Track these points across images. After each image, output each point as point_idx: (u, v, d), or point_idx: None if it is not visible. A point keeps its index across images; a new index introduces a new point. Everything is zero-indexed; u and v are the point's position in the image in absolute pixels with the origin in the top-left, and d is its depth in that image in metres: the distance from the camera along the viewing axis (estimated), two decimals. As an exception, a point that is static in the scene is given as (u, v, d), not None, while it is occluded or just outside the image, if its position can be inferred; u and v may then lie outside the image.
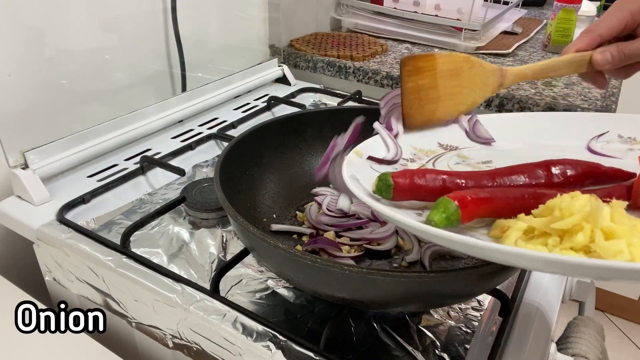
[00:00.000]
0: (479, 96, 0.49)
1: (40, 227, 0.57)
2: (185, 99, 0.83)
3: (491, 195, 0.36)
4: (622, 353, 1.68)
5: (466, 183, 0.39)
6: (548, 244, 0.31)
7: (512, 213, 0.36)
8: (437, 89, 0.47)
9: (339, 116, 0.62)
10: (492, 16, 1.16)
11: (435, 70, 0.46)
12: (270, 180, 0.59)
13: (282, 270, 0.43)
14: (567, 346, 0.52)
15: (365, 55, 1.06)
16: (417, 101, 0.47)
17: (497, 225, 0.36)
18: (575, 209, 0.31)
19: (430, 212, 0.35)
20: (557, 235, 0.31)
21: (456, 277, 0.36)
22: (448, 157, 0.47)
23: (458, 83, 0.47)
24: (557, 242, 0.31)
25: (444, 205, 0.35)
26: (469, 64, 0.47)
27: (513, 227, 0.34)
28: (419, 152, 0.48)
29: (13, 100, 0.61)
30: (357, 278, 0.36)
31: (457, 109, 0.49)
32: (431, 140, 0.49)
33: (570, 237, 0.31)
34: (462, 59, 0.47)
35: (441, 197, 0.35)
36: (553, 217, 0.32)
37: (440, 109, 0.48)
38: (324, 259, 0.36)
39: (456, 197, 0.35)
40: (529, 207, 0.35)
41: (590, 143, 0.47)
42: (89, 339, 0.49)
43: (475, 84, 0.48)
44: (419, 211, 0.40)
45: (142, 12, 0.76)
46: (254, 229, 0.39)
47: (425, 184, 0.39)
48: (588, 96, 0.90)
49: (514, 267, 0.42)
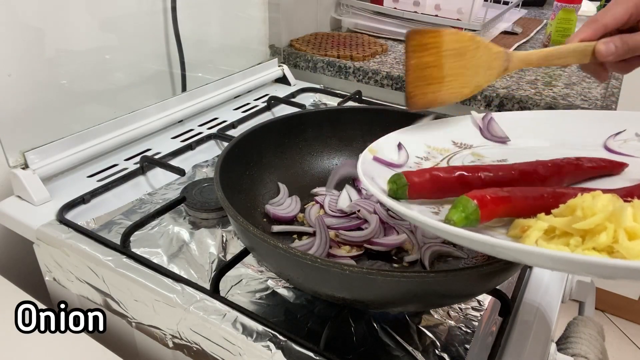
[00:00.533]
0: (483, 80, 0.47)
1: (40, 227, 0.57)
2: (185, 99, 0.83)
3: (510, 195, 0.36)
4: (622, 353, 1.68)
5: (486, 176, 0.39)
6: (570, 244, 0.31)
7: (531, 212, 0.35)
8: (441, 68, 0.46)
9: (339, 116, 0.62)
10: (492, 16, 1.16)
11: (440, 49, 0.45)
12: (270, 180, 0.59)
13: (282, 270, 0.43)
14: (567, 346, 0.52)
15: (365, 55, 1.06)
16: (421, 79, 0.46)
17: (516, 224, 0.35)
18: (597, 209, 0.31)
19: (449, 211, 0.35)
20: (579, 235, 0.31)
21: (456, 277, 0.36)
22: (462, 156, 0.47)
23: (462, 64, 0.46)
24: (579, 242, 0.31)
25: (463, 205, 0.34)
26: (474, 44, 0.46)
27: (534, 227, 0.33)
28: (433, 150, 0.47)
29: (13, 100, 0.61)
30: (357, 278, 0.36)
31: (461, 91, 0.47)
32: (445, 138, 0.48)
33: (593, 237, 0.30)
34: (468, 38, 0.46)
35: (460, 196, 0.35)
36: (575, 217, 0.31)
37: (444, 90, 0.47)
38: (324, 259, 0.36)
39: (475, 196, 0.34)
40: (548, 207, 0.35)
41: (607, 141, 0.47)
42: (89, 339, 0.49)
43: (480, 66, 0.47)
44: (434, 209, 0.39)
45: (142, 12, 0.76)
46: (254, 229, 0.39)
47: (441, 183, 0.39)
48: (588, 96, 0.90)
49: (514, 268, 0.42)
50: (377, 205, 0.56)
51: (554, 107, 0.85)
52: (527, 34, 1.26)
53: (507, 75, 0.99)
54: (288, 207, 0.56)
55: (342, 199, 0.57)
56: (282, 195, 0.57)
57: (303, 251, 0.37)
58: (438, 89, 0.46)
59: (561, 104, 0.85)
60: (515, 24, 1.31)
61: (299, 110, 0.80)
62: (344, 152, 0.63)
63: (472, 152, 0.48)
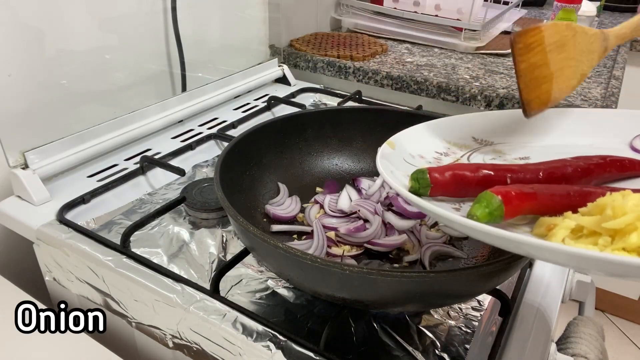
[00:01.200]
0: (586, 66, 0.45)
1: (40, 227, 0.57)
2: (185, 99, 0.83)
3: (536, 192, 0.35)
4: (622, 353, 1.68)
5: (511, 177, 0.38)
6: (598, 244, 0.30)
7: (557, 211, 0.34)
8: (548, 65, 0.44)
9: (339, 116, 0.62)
10: (492, 16, 1.16)
11: (543, 45, 0.43)
12: (270, 181, 0.59)
13: (282, 270, 0.43)
14: (567, 346, 0.52)
15: (365, 55, 1.06)
16: (534, 82, 0.44)
17: (541, 222, 0.34)
18: (628, 208, 0.30)
19: (472, 206, 0.34)
20: (608, 234, 0.30)
21: (456, 277, 0.36)
22: (483, 152, 0.46)
23: (566, 55, 0.44)
24: (608, 242, 0.30)
25: (487, 200, 0.33)
26: (572, 31, 0.43)
27: (560, 225, 0.32)
28: (453, 146, 0.47)
29: (13, 100, 0.61)
30: (357, 278, 0.36)
31: (569, 84, 0.45)
32: (465, 135, 0.48)
33: (623, 237, 0.29)
34: (564, 27, 0.43)
35: (484, 192, 0.34)
36: (604, 216, 0.30)
37: (555, 88, 0.44)
38: (324, 259, 0.36)
39: (500, 192, 0.33)
40: (575, 205, 0.34)
41: (633, 141, 0.45)
42: (89, 339, 0.49)
43: (582, 52, 0.45)
44: (455, 205, 0.39)
45: (142, 12, 0.76)
46: (254, 229, 0.39)
47: (465, 182, 0.38)
48: (588, 96, 0.90)
49: (515, 268, 0.42)
50: (378, 205, 0.56)
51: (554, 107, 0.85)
52: (527, 34, 1.26)
53: (508, 75, 0.99)
54: (288, 207, 0.56)
55: (342, 199, 0.57)
56: (282, 195, 0.57)
57: (303, 251, 0.37)
58: (550, 88, 0.45)
59: (561, 104, 0.85)
60: (515, 24, 1.31)
61: (299, 110, 0.80)
62: (344, 152, 0.63)
63: (493, 149, 0.47)
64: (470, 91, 0.92)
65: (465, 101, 0.93)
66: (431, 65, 1.04)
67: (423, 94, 0.97)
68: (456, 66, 1.04)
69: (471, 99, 0.92)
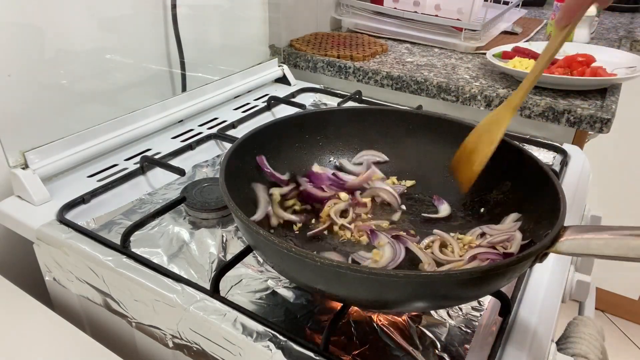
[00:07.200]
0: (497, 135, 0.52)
1: (40, 227, 0.57)
2: (185, 99, 0.83)
3: None
4: (622, 353, 1.68)
5: None
6: None
7: None
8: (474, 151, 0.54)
9: (339, 116, 0.62)
10: (492, 16, 1.16)
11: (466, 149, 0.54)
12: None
13: (283, 269, 0.43)
14: (567, 346, 0.52)
15: (365, 55, 1.06)
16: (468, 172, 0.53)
17: None
18: None
19: None
20: None
21: (457, 277, 0.36)
22: None
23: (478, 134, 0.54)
24: None
25: None
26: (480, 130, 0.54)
27: None
28: None
29: (13, 101, 0.61)
30: (360, 278, 0.36)
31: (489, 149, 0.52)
32: None
33: None
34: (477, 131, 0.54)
35: None
36: None
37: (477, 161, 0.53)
38: (327, 260, 0.36)
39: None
40: None
41: None
42: (89, 339, 0.49)
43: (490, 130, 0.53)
44: None
45: (142, 12, 0.76)
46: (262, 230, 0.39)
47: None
48: (588, 96, 0.90)
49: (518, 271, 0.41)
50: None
51: (554, 107, 0.85)
52: (527, 34, 1.26)
53: (508, 75, 0.99)
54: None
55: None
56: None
57: (307, 251, 0.37)
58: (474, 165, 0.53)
59: (561, 104, 0.85)
60: (515, 24, 1.31)
61: (300, 111, 0.80)
62: (344, 152, 0.63)
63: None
64: (470, 91, 0.92)
65: (465, 101, 0.93)
66: (431, 65, 1.04)
67: (423, 94, 0.97)
68: (456, 66, 1.04)
69: (471, 99, 0.92)
